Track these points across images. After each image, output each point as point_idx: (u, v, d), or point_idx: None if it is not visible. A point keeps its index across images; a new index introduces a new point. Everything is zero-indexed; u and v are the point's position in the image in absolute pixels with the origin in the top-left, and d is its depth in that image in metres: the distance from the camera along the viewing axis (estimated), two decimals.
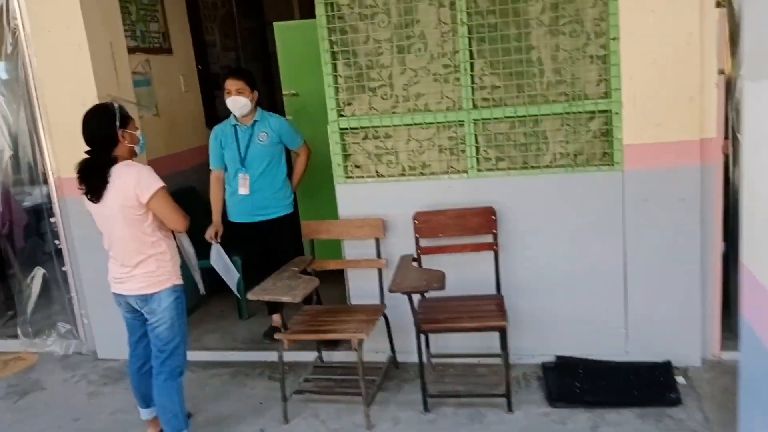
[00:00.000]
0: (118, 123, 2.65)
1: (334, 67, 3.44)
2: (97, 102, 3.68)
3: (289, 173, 3.94)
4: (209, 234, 3.87)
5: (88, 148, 2.67)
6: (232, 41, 5.64)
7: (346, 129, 3.51)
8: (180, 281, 2.80)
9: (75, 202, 3.93)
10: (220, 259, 3.87)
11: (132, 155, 2.74)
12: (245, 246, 4.07)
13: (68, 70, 3.72)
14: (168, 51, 4.67)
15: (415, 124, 3.42)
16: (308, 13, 7.60)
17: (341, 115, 3.51)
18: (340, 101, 3.50)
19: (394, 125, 3.44)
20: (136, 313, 2.79)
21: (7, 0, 3.84)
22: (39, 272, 4.52)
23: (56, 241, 4.25)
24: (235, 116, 3.81)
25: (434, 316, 3.11)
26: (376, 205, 3.53)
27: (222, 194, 3.91)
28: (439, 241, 3.43)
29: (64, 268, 4.27)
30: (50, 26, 3.70)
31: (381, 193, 3.52)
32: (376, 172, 3.55)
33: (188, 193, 4.57)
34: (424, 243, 3.45)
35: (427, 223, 3.42)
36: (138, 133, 2.76)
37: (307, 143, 3.95)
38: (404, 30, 3.35)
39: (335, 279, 3.72)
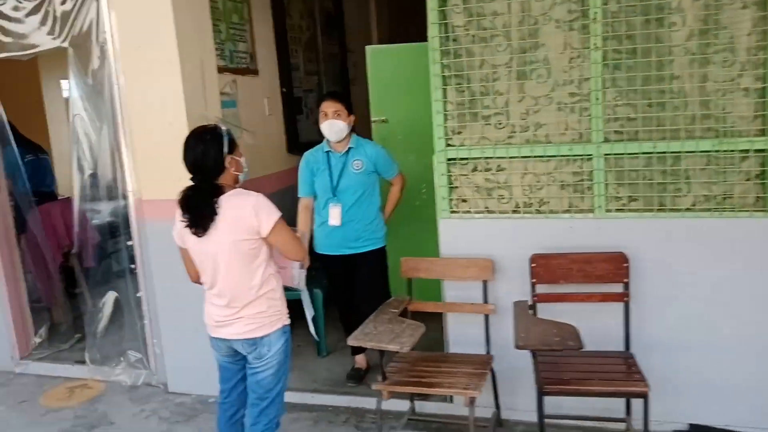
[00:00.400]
0: (226, 148, 2.40)
1: (444, 93, 3.16)
2: (185, 121, 3.52)
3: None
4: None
5: (188, 174, 2.42)
6: (314, 65, 5.45)
7: (454, 160, 3.21)
8: (289, 320, 2.52)
9: (155, 225, 3.75)
10: (303, 292, 3.59)
11: (235, 183, 2.48)
12: (330, 279, 3.79)
13: (156, 88, 3.54)
14: (254, 72, 4.48)
15: (534, 157, 3.09)
16: (387, 39, 7.45)
17: (449, 145, 3.21)
18: (449, 129, 3.20)
19: (511, 157, 3.12)
20: (236, 357, 2.51)
21: (98, 14, 3.69)
22: (111, 296, 4.33)
23: (132, 265, 4.05)
24: (328, 142, 3.56)
25: (558, 375, 2.74)
26: (483, 244, 3.20)
27: (310, 223, 3.64)
28: (558, 287, 3.07)
29: (138, 294, 4.05)
30: (141, 42, 3.53)
31: (490, 230, 3.19)
32: (486, 207, 3.23)
33: None
34: (540, 289, 3.09)
35: (545, 267, 3.06)
36: (243, 159, 2.50)
37: (402, 173, 3.67)
38: (525, 54, 3.05)
39: (423, 319, 3.38)
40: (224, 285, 2.43)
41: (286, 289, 2.61)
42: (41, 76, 6.71)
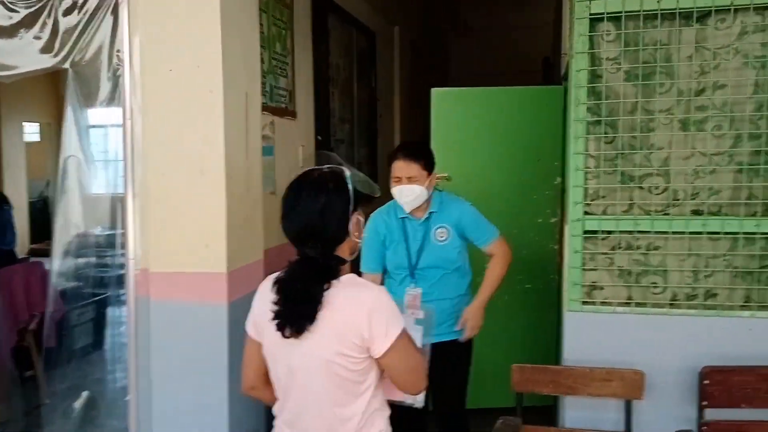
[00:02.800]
0: (352, 205, 1.56)
1: (586, 145, 2.39)
2: (222, 171, 2.66)
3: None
4: None
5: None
6: (349, 112, 4.68)
7: (595, 233, 2.40)
8: None
9: (162, 305, 2.82)
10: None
11: (351, 255, 1.63)
12: None
13: (188, 127, 2.68)
14: (292, 114, 3.67)
15: (707, 234, 2.31)
16: (407, 89, 6.84)
17: (587, 213, 2.42)
18: (588, 193, 2.41)
19: (674, 232, 2.33)
20: None
21: (114, 31, 2.85)
22: (83, 396, 3.34)
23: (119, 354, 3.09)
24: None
25: None
26: (626, 349, 2.38)
27: None
28: (739, 413, 2.24)
29: (127, 398, 3.05)
30: (171, 64, 2.69)
31: (638, 330, 2.38)
32: (629, 298, 2.41)
33: None
34: (711, 414, 2.26)
35: (722, 385, 2.24)
36: (363, 223, 1.66)
37: (503, 237, 2.73)
38: (695, 98, 2.31)
39: None
40: (304, 415, 1.56)
41: None
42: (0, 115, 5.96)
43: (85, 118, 3.03)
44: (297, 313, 1.50)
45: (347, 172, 1.60)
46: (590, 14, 2.33)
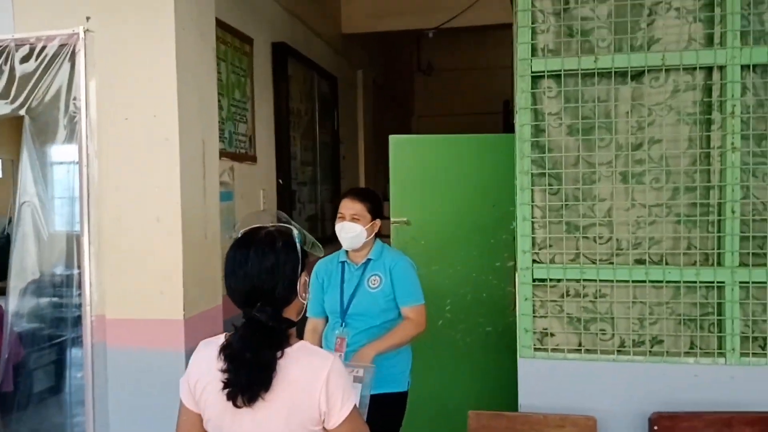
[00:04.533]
0: (300, 265, 1.58)
1: (532, 195, 2.47)
2: (178, 218, 2.68)
3: None
4: None
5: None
6: (311, 154, 4.73)
7: (544, 281, 2.47)
8: None
9: (120, 353, 2.81)
10: None
11: (297, 317, 1.63)
12: None
13: (143, 173, 2.71)
14: (252, 159, 3.71)
15: (650, 282, 2.39)
16: (371, 132, 6.92)
17: (536, 261, 2.48)
18: (536, 242, 2.49)
19: (618, 280, 2.41)
20: None
21: (71, 79, 2.88)
22: None
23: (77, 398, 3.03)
24: (345, 251, 2.74)
25: None
26: (579, 395, 2.42)
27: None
28: None
29: None
30: (128, 114, 2.72)
31: (589, 376, 2.43)
32: (580, 344, 2.47)
33: None
34: None
35: (672, 431, 2.30)
36: (308, 283, 1.67)
37: (424, 308, 2.66)
38: (634, 152, 2.42)
39: None
40: None
41: None
42: None
43: (43, 159, 3.03)
44: (250, 381, 1.45)
45: (295, 231, 1.61)
46: (532, 72, 2.43)
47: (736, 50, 2.30)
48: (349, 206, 2.63)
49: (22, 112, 2.91)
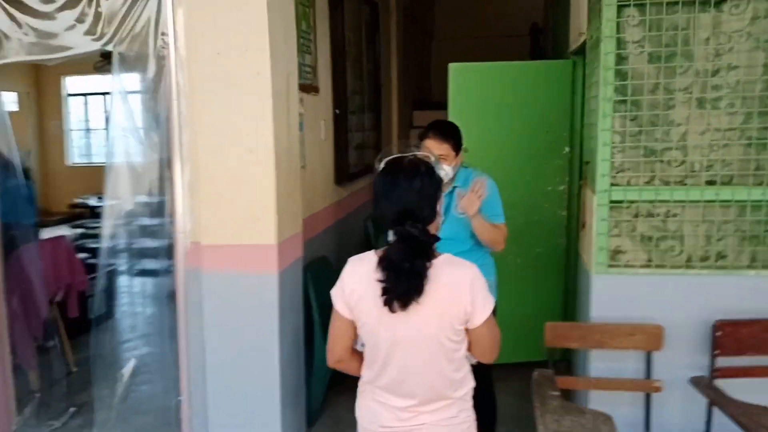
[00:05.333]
0: (439, 191, 1.76)
1: (612, 122, 2.62)
2: (271, 149, 2.83)
3: None
4: None
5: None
6: (359, 83, 4.82)
7: (621, 202, 2.66)
8: None
9: (214, 277, 3.00)
10: None
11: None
12: None
13: (236, 106, 2.83)
14: (316, 90, 3.82)
15: (720, 202, 2.58)
16: (402, 62, 6.90)
17: (613, 185, 2.66)
18: (614, 166, 2.66)
19: (691, 201, 2.60)
20: None
21: (158, 12, 2.95)
22: (130, 366, 3.53)
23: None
24: None
25: None
26: (647, 307, 2.67)
27: None
28: (747, 360, 2.56)
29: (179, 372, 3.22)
30: (221, 47, 2.82)
31: (656, 289, 2.66)
32: (649, 260, 2.69)
33: (321, 264, 3.64)
34: (722, 362, 2.57)
35: (732, 336, 2.55)
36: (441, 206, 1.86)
37: (507, 230, 2.78)
38: (711, 78, 2.55)
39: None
40: (409, 380, 1.77)
41: None
42: None
43: (132, 92, 3.13)
44: (408, 287, 1.66)
45: (432, 158, 1.79)
46: (618, 1, 2.53)
47: None
48: (435, 147, 2.68)
49: (110, 47, 3.01)
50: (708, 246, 2.64)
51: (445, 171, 2.70)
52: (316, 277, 3.37)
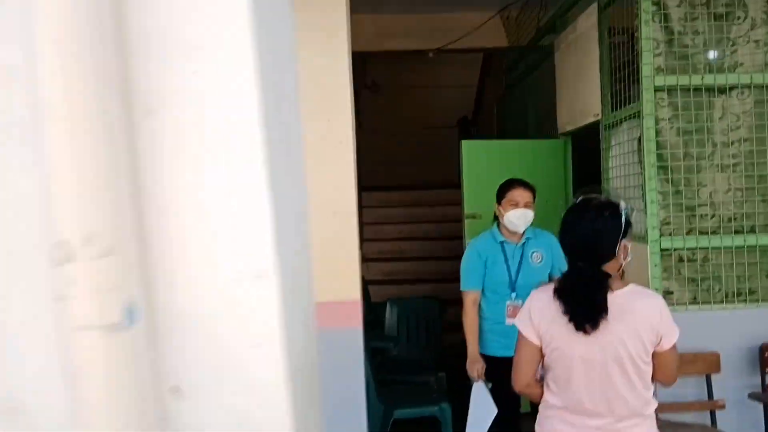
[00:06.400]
0: (623, 232, 2.01)
1: (656, 183, 3.13)
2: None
3: None
4: (477, 371, 3.13)
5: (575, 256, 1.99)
6: None
7: (668, 250, 3.13)
8: None
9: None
10: (481, 401, 3.15)
11: (617, 272, 2.06)
12: (499, 384, 3.33)
13: (319, 172, 3.00)
14: None
15: (747, 247, 3.14)
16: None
17: (662, 235, 3.14)
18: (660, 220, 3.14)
19: (725, 247, 3.12)
20: None
21: None
22: None
23: None
24: (500, 231, 3.25)
25: None
26: (699, 337, 3.09)
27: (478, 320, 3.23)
28: None
29: None
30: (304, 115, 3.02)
31: (705, 323, 3.11)
32: (694, 298, 3.15)
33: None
34: None
35: None
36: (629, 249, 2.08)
37: None
38: (728, 148, 3.16)
39: None
40: (607, 399, 1.97)
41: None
42: None
43: None
44: (591, 310, 1.88)
45: (622, 203, 2.07)
46: (655, 87, 3.11)
47: None
48: (523, 195, 3.10)
49: None
50: (740, 284, 3.15)
51: (530, 217, 3.07)
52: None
